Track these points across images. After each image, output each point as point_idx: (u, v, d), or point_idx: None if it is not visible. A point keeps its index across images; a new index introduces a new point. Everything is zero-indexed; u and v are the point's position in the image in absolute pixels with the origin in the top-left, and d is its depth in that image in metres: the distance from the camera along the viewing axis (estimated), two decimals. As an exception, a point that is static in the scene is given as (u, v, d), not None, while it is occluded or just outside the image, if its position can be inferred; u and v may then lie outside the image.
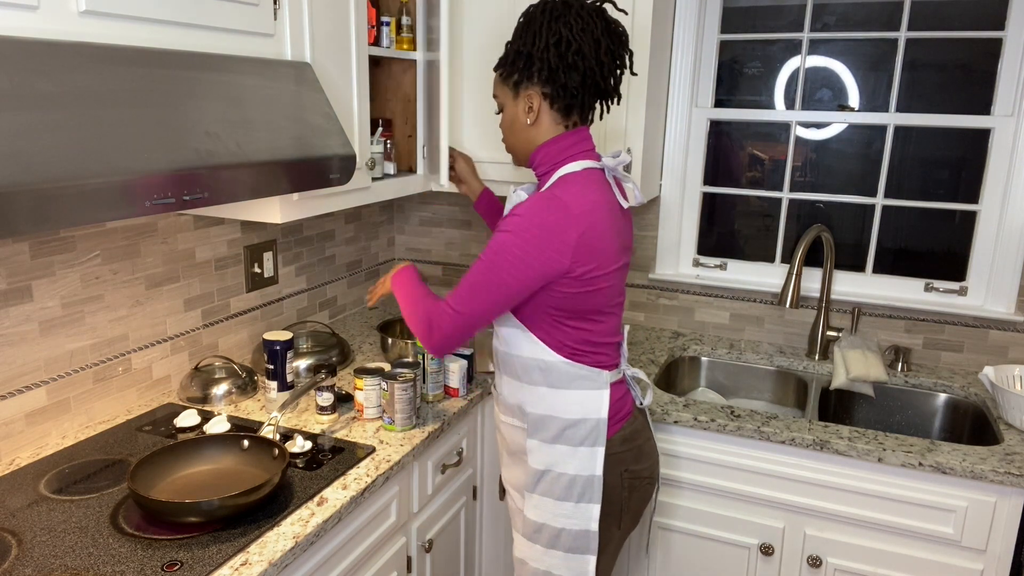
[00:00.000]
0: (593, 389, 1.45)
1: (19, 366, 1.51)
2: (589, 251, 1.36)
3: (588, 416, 1.45)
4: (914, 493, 1.70)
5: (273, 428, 1.58)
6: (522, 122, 1.48)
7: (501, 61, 1.49)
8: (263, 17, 1.52)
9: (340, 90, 1.78)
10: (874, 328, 2.26)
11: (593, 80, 1.42)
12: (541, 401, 1.47)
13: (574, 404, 1.45)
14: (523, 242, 1.34)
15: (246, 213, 1.71)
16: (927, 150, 2.18)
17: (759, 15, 2.27)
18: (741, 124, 2.36)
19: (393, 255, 2.81)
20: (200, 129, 1.27)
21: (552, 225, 1.33)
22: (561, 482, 1.46)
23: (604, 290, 1.41)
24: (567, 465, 1.46)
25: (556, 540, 1.49)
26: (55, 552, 1.21)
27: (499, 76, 1.50)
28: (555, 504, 1.47)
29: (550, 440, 1.47)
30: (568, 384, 1.45)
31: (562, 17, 1.40)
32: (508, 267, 1.35)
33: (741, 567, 1.89)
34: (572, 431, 1.45)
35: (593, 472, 1.45)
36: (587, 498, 1.46)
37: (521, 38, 1.44)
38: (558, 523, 1.48)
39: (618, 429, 1.50)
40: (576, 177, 1.41)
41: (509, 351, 1.49)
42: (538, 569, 1.52)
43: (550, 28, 1.40)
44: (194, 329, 1.92)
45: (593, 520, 1.47)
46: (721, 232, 2.45)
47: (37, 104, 1.03)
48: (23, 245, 1.48)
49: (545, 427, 1.47)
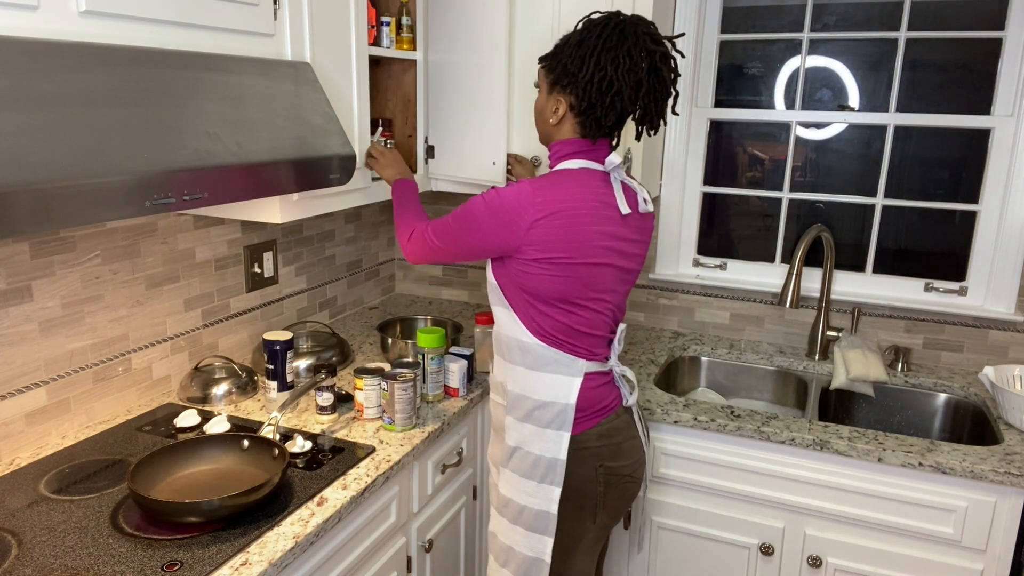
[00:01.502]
0: (565, 375, 1.49)
1: (19, 366, 1.51)
2: (548, 238, 1.41)
3: (557, 400, 1.49)
4: (914, 493, 1.70)
5: (273, 428, 1.58)
6: (546, 116, 1.53)
7: (549, 57, 1.51)
8: (263, 17, 1.52)
9: (340, 90, 1.78)
10: (874, 328, 2.26)
11: (625, 117, 1.48)
12: (518, 380, 1.52)
13: (545, 386, 1.50)
14: (486, 211, 1.44)
15: (246, 213, 1.71)
16: (927, 150, 2.18)
17: (759, 15, 2.27)
18: (741, 124, 2.36)
19: (393, 255, 2.81)
20: (200, 129, 1.27)
21: (510, 207, 1.42)
22: (528, 460, 1.51)
23: (574, 280, 1.44)
24: (533, 445, 1.50)
25: (519, 516, 1.53)
26: (55, 552, 1.21)
27: (543, 65, 1.53)
28: (521, 481, 1.52)
29: (521, 418, 1.52)
30: (542, 367, 1.49)
31: (613, 51, 1.41)
32: (468, 226, 1.47)
33: (741, 567, 1.89)
34: (540, 412, 1.50)
35: (556, 456, 1.49)
36: (548, 480, 1.50)
37: (571, 55, 1.45)
38: (522, 500, 1.52)
39: (594, 424, 1.52)
40: (567, 173, 1.47)
41: (499, 331, 1.55)
42: (503, 543, 1.58)
43: (598, 62, 1.42)
44: (194, 329, 1.92)
45: (553, 503, 1.50)
46: (721, 232, 2.45)
47: (37, 104, 1.03)
48: (23, 245, 1.48)
49: (520, 405, 1.52)
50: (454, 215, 1.51)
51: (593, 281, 1.46)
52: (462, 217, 1.48)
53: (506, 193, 1.44)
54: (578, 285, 1.45)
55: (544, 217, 1.40)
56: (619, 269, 1.50)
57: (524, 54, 2.09)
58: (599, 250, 1.45)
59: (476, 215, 1.45)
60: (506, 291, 1.50)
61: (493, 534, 1.62)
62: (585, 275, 1.45)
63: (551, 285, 1.44)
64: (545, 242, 1.41)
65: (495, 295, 1.54)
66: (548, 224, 1.41)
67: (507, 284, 1.49)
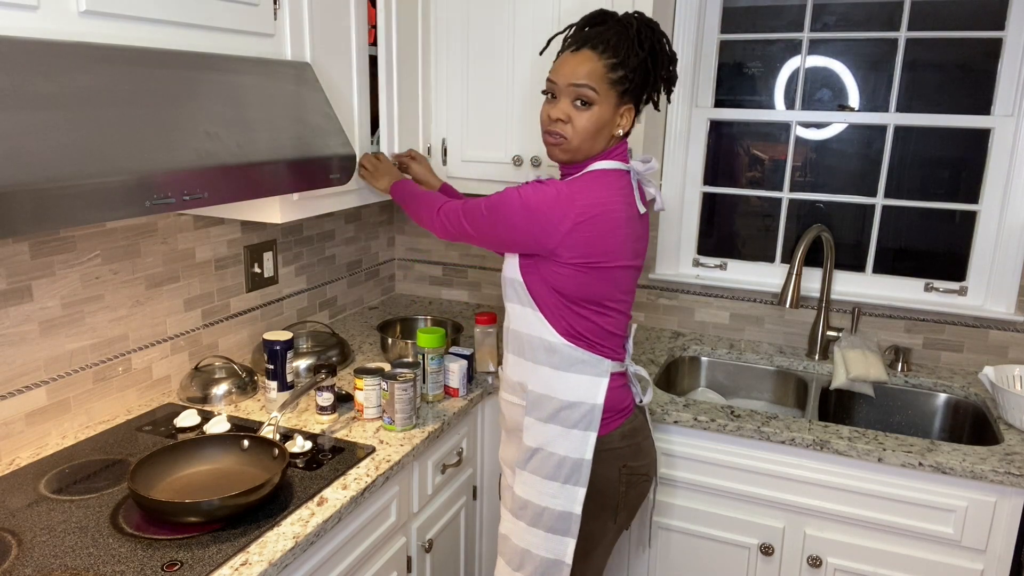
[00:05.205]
0: (593, 375, 1.48)
1: (19, 366, 1.50)
2: (585, 242, 1.40)
3: (584, 400, 1.48)
4: (914, 493, 1.70)
5: (273, 428, 1.58)
6: (609, 129, 1.45)
7: (622, 64, 1.41)
8: (263, 17, 1.52)
9: (340, 90, 1.78)
10: (874, 328, 2.26)
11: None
12: (542, 380, 1.50)
13: (573, 387, 1.48)
14: (522, 209, 1.40)
15: (246, 213, 1.71)
16: (927, 150, 2.18)
17: (759, 15, 2.27)
18: (741, 124, 2.36)
19: (393, 255, 2.81)
20: (200, 129, 1.27)
21: (549, 209, 1.39)
22: (551, 462, 1.49)
23: (607, 282, 1.44)
24: (558, 446, 1.49)
25: (539, 518, 1.51)
26: (55, 552, 1.21)
27: (610, 73, 1.40)
28: (542, 483, 1.50)
29: (545, 419, 1.50)
30: (569, 367, 1.48)
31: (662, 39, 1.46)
32: (501, 220, 1.43)
33: (741, 567, 1.89)
34: (567, 412, 1.48)
35: (583, 456, 1.48)
36: (573, 480, 1.48)
37: (637, 53, 1.41)
38: (543, 502, 1.50)
39: (618, 425, 1.52)
40: (600, 175, 1.45)
41: (519, 329, 1.52)
42: (518, 546, 1.55)
43: (668, 52, 1.47)
44: (194, 329, 1.92)
45: (577, 503, 1.49)
46: (721, 232, 2.45)
47: (37, 104, 1.03)
48: (23, 245, 1.48)
49: (542, 406, 1.50)
50: (488, 205, 1.46)
51: (621, 282, 1.47)
52: (495, 209, 1.44)
53: (545, 193, 1.39)
54: (610, 287, 1.45)
55: (584, 222, 1.39)
56: (636, 269, 1.51)
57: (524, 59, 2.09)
58: (627, 252, 1.46)
59: (511, 212, 1.41)
60: (533, 290, 1.47)
61: (505, 537, 1.59)
62: (616, 277, 1.45)
63: (586, 287, 1.43)
64: (583, 247, 1.40)
65: (516, 292, 1.50)
66: (587, 229, 1.39)
67: (536, 283, 1.46)
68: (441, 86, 2.18)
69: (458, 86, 2.17)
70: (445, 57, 2.16)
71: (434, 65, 2.17)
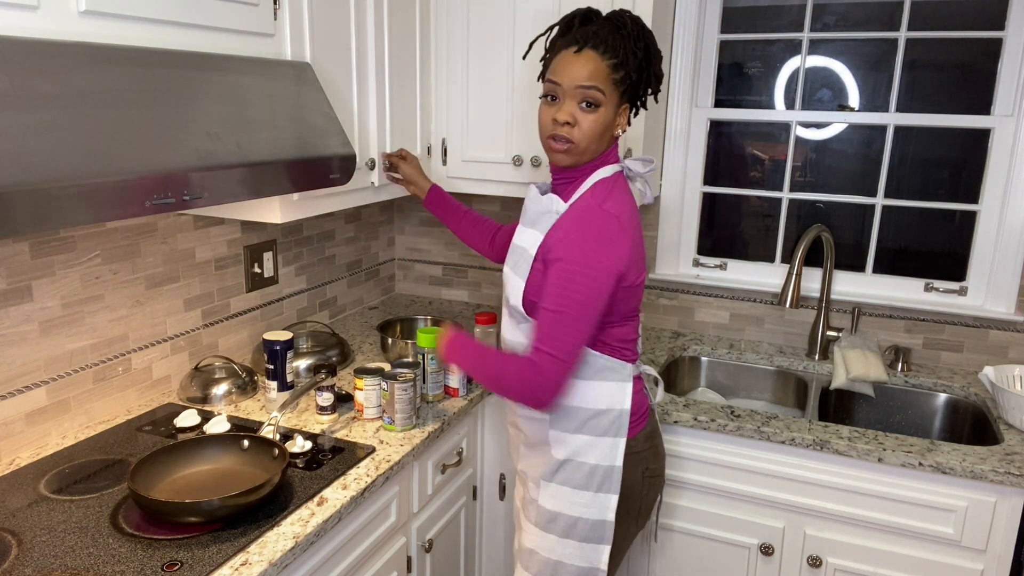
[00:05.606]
0: (619, 381, 1.46)
1: (19, 366, 1.50)
2: (637, 259, 1.40)
3: (613, 407, 1.46)
4: (914, 493, 1.70)
5: (273, 428, 1.58)
6: (611, 130, 1.43)
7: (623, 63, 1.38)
8: (263, 17, 1.52)
9: (340, 90, 1.78)
10: (874, 328, 2.26)
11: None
12: (569, 391, 1.46)
13: (600, 394, 1.46)
14: (585, 259, 1.32)
15: (246, 213, 1.71)
16: (927, 150, 2.18)
17: (759, 15, 2.27)
18: (741, 124, 2.36)
19: (393, 255, 2.81)
20: (200, 129, 1.27)
21: (609, 238, 1.34)
22: (582, 471, 1.47)
23: (640, 292, 1.45)
24: (588, 455, 1.46)
25: (571, 529, 1.49)
26: (55, 552, 1.21)
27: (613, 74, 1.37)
28: (573, 493, 1.47)
29: (573, 430, 1.47)
30: (594, 375, 1.45)
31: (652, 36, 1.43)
32: (583, 291, 1.32)
33: (741, 567, 1.89)
34: (596, 421, 1.46)
35: (613, 463, 1.46)
36: (606, 488, 1.47)
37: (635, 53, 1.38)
38: (575, 512, 1.48)
39: (641, 428, 1.52)
40: (610, 184, 1.43)
41: None
42: (548, 559, 1.51)
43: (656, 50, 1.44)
44: (194, 329, 1.92)
45: (610, 510, 1.47)
46: (721, 232, 2.45)
47: (37, 104, 1.03)
48: (23, 245, 1.48)
49: (569, 417, 1.47)
50: (554, 303, 1.33)
51: (640, 288, 1.47)
52: (566, 292, 1.32)
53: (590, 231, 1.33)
54: (639, 295, 1.46)
55: (633, 238, 1.38)
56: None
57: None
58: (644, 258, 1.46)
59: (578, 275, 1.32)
60: None
61: (532, 551, 1.53)
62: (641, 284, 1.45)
63: (628, 303, 1.43)
64: (636, 264, 1.39)
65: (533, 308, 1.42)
66: (636, 243, 1.39)
67: None
68: (441, 86, 2.18)
69: (458, 86, 2.17)
70: (445, 57, 2.16)
71: (434, 65, 2.17)
